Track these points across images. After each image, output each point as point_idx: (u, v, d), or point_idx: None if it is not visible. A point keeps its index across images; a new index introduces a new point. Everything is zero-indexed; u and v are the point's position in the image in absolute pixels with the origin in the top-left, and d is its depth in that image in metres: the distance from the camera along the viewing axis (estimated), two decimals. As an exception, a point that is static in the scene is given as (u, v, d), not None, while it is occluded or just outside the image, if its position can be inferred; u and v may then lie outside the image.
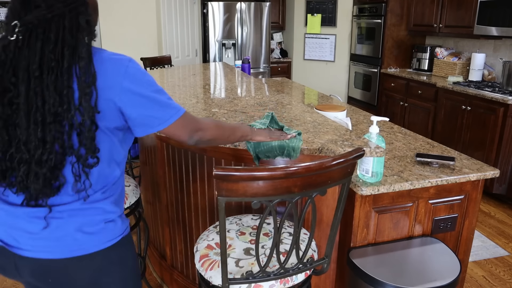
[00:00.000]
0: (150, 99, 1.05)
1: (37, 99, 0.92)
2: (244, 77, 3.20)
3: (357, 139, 1.58)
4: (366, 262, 1.48)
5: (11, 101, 0.94)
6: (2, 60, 0.94)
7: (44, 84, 0.92)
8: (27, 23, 0.92)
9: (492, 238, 2.96)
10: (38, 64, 0.92)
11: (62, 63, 0.93)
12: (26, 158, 0.96)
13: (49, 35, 0.93)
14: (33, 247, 1.03)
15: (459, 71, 4.30)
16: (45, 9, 0.93)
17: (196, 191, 1.94)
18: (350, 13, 5.70)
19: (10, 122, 0.95)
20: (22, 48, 0.92)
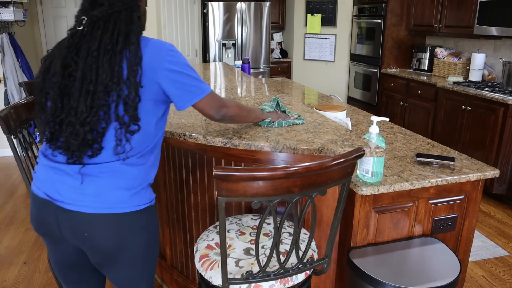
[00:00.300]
0: (185, 78, 1.25)
1: (91, 73, 1.12)
2: (244, 77, 3.20)
3: (357, 139, 1.58)
4: (366, 262, 1.48)
5: (70, 74, 1.14)
6: (69, 44, 1.17)
7: (99, 62, 1.13)
8: (92, 16, 1.16)
9: (492, 238, 2.96)
10: (96, 47, 1.13)
11: (116, 46, 1.14)
12: (73, 121, 1.14)
13: (108, 26, 1.15)
14: (74, 201, 1.18)
15: (459, 71, 4.30)
16: (107, 7, 1.16)
17: (196, 191, 1.94)
18: (350, 13, 5.70)
19: (66, 91, 1.15)
20: (86, 35, 1.15)
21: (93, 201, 1.18)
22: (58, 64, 1.16)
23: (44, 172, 1.25)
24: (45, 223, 1.25)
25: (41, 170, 1.26)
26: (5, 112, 1.75)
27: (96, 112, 1.13)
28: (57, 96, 1.16)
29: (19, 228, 3.05)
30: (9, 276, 2.47)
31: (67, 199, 1.19)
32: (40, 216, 1.25)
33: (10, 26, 4.65)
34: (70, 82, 1.14)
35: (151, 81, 1.19)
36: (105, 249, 1.23)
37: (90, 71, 1.13)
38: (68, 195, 1.19)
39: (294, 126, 1.74)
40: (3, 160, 4.49)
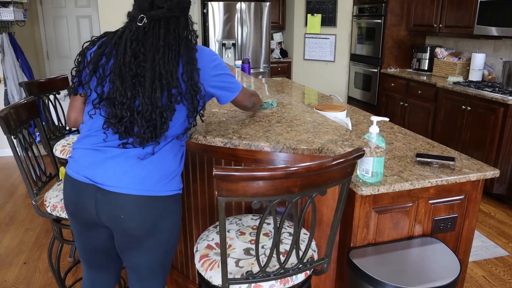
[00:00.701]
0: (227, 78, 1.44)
1: (160, 66, 1.25)
2: (244, 77, 3.20)
3: (357, 139, 1.58)
4: (366, 262, 1.48)
5: (139, 64, 1.25)
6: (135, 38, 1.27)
7: (165, 59, 1.25)
8: (152, 16, 1.26)
9: (492, 238, 2.96)
10: (163, 44, 1.26)
11: (179, 48, 1.29)
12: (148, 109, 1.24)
13: (169, 28, 1.28)
14: (116, 182, 1.27)
15: (459, 71, 4.30)
16: (166, 10, 1.27)
17: (196, 191, 1.94)
18: (350, 13, 5.70)
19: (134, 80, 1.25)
20: (148, 32, 1.26)
21: (133, 182, 1.27)
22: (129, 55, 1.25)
23: (84, 156, 1.32)
24: (84, 207, 1.32)
25: (81, 154, 1.33)
26: (5, 112, 1.75)
27: (173, 105, 1.27)
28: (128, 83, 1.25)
29: (19, 228, 3.05)
30: (9, 276, 2.47)
31: (108, 180, 1.27)
32: (79, 199, 1.32)
33: (10, 26, 4.65)
34: (141, 72, 1.25)
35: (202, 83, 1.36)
36: (136, 231, 1.31)
37: (159, 65, 1.25)
38: (112, 176, 1.28)
39: (294, 126, 1.74)
40: (3, 160, 4.49)
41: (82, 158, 1.33)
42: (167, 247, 1.40)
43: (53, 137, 2.53)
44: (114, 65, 1.27)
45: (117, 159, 1.29)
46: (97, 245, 1.44)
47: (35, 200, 1.86)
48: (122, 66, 1.25)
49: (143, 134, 1.27)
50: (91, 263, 1.50)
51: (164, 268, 1.44)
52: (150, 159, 1.31)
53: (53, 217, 1.86)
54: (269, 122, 1.80)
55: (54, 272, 2.09)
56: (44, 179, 1.99)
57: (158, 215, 1.32)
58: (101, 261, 1.49)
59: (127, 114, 1.26)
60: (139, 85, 1.25)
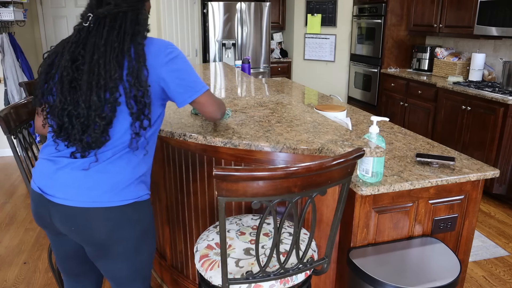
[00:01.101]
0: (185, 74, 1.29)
1: (99, 68, 1.17)
2: (244, 77, 3.20)
3: (357, 139, 1.58)
4: (366, 262, 1.48)
5: (78, 67, 1.19)
6: (76, 39, 1.21)
7: (106, 58, 1.17)
8: (98, 14, 1.20)
9: (492, 238, 2.96)
10: (103, 43, 1.18)
11: (123, 45, 1.19)
12: (84, 113, 1.17)
13: (114, 24, 1.20)
14: (64, 194, 1.22)
15: (459, 71, 4.30)
16: (113, 6, 1.21)
17: (196, 191, 1.94)
18: (350, 13, 5.70)
19: (73, 85, 1.19)
20: (92, 31, 1.20)
21: (81, 194, 1.21)
22: (67, 58, 1.20)
23: (40, 166, 1.29)
24: (42, 217, 1.29)
25: (38, 164, 1.30)
26: (5, 112, 1.75)
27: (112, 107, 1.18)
28: (66, 89, 1.19)
29: (19, 228, 3.05)
30: (9, 276, 2.47)
31: (58, 193, 1.22)
32: (36, 210, 1.30)
33: (10, 26, 4.65)
34: (78, 75, 1.19)
35: (153, 82, 1.25)
36: (95, 242, 1.26)
37: (98, 66, 1.17)
38: (59, 188, 1.23)
39: (294, 126, 1.74)
40: (3, 160, 4.49)
41: (38, 168, 1.29)
42: (138, 255, 1.33)
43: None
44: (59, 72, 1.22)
45: (64, 170, 1.23)
46: (69, 252, 1.41)
47: (35, 200, 1.85)
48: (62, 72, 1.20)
49: (81, 139, 1.20)
50: (68, 271, 1.47)
51: (141, 274, 1.39)
52: (96, 169, 1.23)
53: (53, 217, 1.85)
54: (269, 122, 1.80)
55: (54, 272, 2.09)
56: (44, 179, 1.99)
57: (112, 226, 1.24)
58: (77, 269, 1.46)
59: (66, 120, 1.20)
60: (79, 89, 1.18)
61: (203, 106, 1.37)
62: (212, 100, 1.38)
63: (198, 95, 1.32)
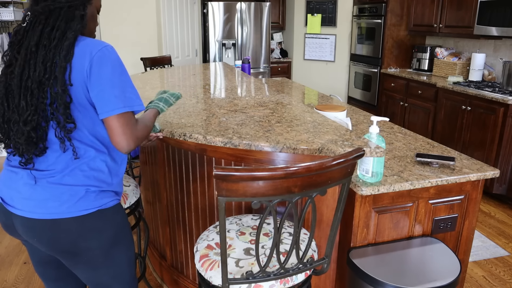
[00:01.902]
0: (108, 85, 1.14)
1: (29, 69, 1.10)
2: (244, 77, 3.20)
3: (357, 139, 1.58)
4: (366, 262, 1.48)
5: (12, 71, 1.13)
6: (12, 42, 1.16)
7: (37, 58, 1.10)
8: (34, 11, 1.14)
9: (492, 238, 2.96)
10: (35, 42, 1.11)
11: (52, 42, 1.11)
12: (17, 119, 1.12)
13: (49, 21, 1.13)
14: (22, 206, 1.18)
15: (459, 71, 4.30)
16: (50, 3, 1.14)
17: (196, 191, 1.94)
18: (350, 13, 5.70)
19: (9, 90, 1.14)
20: (28, 31, 1.14)
21: (39, 206, 1.17)
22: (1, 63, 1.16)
23: (2, 176, 1.26)
24: (7, 226, 1.26)
25: (2, 173, 1.27)
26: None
27: (35, 110, 1.11)
28: (2, 95, 1.15)
29: (19, 228, 3.04)
30: (9, 276, 2.47)
31: (17, 204, 1.19)
32: (1, 219, 1.26)
33: (10, 26, 4.65)
34: (11, 80, 1.13)
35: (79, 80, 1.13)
36: (61, 251, 1.22)
37: (28, 67, 1.10)
38: (17, 199, 1.19)
39: (294, 126, 1.74)
40: (3, 160, 4.49)
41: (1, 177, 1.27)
42: (111, 261, 1.28)
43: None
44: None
45: (21, 181, 1.20)
46: (43, 258, 1.37)
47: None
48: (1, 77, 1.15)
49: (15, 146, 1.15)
50: (45, 276, 1.43)
51: (119, 279, 1.34)
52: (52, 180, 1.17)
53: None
54: (269, 122, 1.80)
55: (54, 272, 2.09)
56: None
57: (74, 237, 1.19)
58: (53, 274, 1.42)
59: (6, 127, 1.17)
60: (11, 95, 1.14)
61: (111, 130, 1.16)
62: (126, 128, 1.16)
63: (112, 114, 1.13)
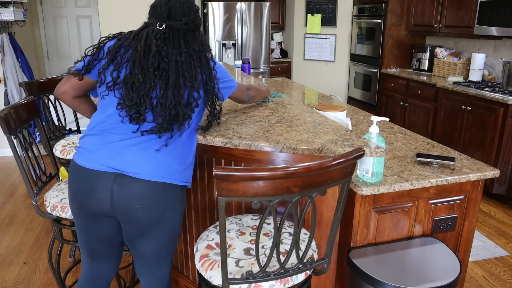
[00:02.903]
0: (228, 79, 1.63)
1: (183, 69, 1.36)
2: (244, 77, 3.20)
3: (357, 139, 1.58)
4: (366, 262, 1.48)
5: (162, 59, 1.34)
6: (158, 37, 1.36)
7: (188, 64, 1.38)
8: (171, 26, 1.38)
9: (492, 238, 2.96)
10: (185, 50, 1.38)
11: (200, 59, 1.42)
12: (171, 103, 1.34)
13: (187, 39, 1.40)
14: (136, 169, 1.32)
15: (459, 71, 4.30)
16: (183, 23, 1.39)
17: (196, 191, 1.94)
18: (350, 13, 5.70)
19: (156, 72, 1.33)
20: (169, 37, 1.37)
21: (152, 169, 1.33)
22: (153, 49, 1.33)
23: (99, 143, 1.36)
24: (97, 197, 1.35)
25: (96, 141, 1.37)
26: (5, 112, 1.75)
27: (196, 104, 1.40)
28: (149, 72, 1.33)
29: (19, 228, 3.05)
30: (9, 276, 2.47)
31: (128, 167, 1.32)
32: (93, 189, 1.34)
33: (10, 26, 4.65)
34: (164, 67, 1.34)
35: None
36: (147, 219, 1.36)
37: (182, 68, 1.35)
38: (130, 164, 1.33)
39: (294, 126, 1.74)
40: (3, 160, 4.49)
41: (97, 147, 1.36)
42: (173, 234, 1.46)
43: (53, 137, 2.53)
44: (133, 54, 1.35)
45: (135, 147, 1.35)
46: (102, 234, 1.47)
47: (35, 200, 1.86)
48: (141, 57, 1.33)
49: (162, 123, 1.34)
50: (94, 252, 1.52)
51: (170, 253, 1.50)
52: (168, 148, 1.38)
53: (53, 217, 1.86)
54: (269, 122, 1.80)
55: (54, 272, 2.09)
56: (44, 179, 1.99)
57: (169, 203, 1.39)
58: (104, 250, 1.52)
59: (145, 101, 1.33)
60: (160, 78, 1.34)
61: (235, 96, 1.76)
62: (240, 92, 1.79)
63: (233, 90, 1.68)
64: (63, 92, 1.51)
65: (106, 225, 1.45)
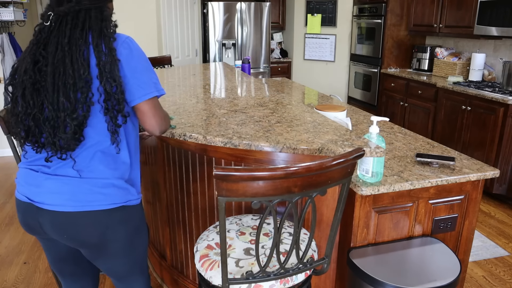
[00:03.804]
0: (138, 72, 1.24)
1: (65, 67, 1.13)
2: (244, 77, 3.20)
3: (357, 139, 1.58)
4: (366, 262, 1.48)
5: (40, 69, 1.15)
6: (37, 40, 1.18)
7: (73, 57, 1.14)
8: (59, 12, 1.17)
9: (492, 238, 2.96)
10: (67, 41, 1.15)
11: (90, 41, 1.16)
12: (52, 116, 1.14)
13: (77, 22, 1.17)
14: (52, 200, 1.20)
15: (459, 71, 4.30)
16: (74, 4, 1.17)
17: (196, 191, 1.94)
18: (350, 13, 5.70)
19: (36, 87, 1.16)
20: (53, 31, 1.17)
21: (69, 199, 1.20)
22: (28, 61, 1.16)
23: (23, 175, 1.28)
24: (30, 225, 1.28)
25: (21, 173, 1.29)
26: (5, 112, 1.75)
27: (81, 106, 1.15)
28: (28, 92, 1.15)
29: (19, 228, 3.04)
30: (9, 276, 2.47)
31: (46, 199, 1.21)
32: (24, 220, 1.28)
33: (10, 26, 4.65)
34: (41, 77, 1.15)
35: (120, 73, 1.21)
36: (88, 244, 1.27)
37: (63, 65, 1.13)
38: (46, 195, 1.21)
39: (294, 126, 1.74)
40: (3, 160, 4.49)
41: (20, 177, 1.28)
42: (133, 250, 1.36)
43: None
44: (18, 80, 1.19)
45: (48, 176, 1.22)
46: (62, 254, 1.41)
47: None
48: (22, 75, 1.17)
49: (53, 142, 1.17)
50: (63, 272, 1.47)
51: (139, 267, 1.43)
52: (80, 172, 1.21)
53: (53, 217, 1.85)
54: (269, 122, 1.80)
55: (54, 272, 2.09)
56: (44, 179, 1.99)
57: (103, 228, 1.25)
58: (72, 269, 1.46)
59: (32, 124, 1.17)
60: (43, 91, 1.15)
61: (145, 114, 1.27)
62: (157, 111, 1.29)
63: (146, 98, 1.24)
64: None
65: (62, 246, 1.37)
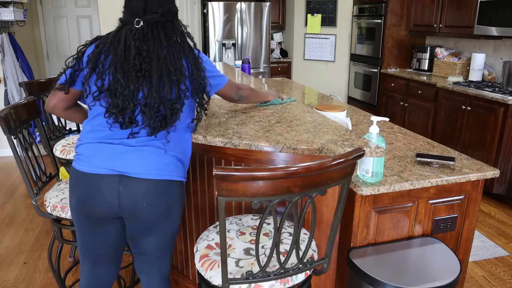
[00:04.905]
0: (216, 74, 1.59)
1: (167, 64, 1.34)
2: (244, 77, 3.20)
3: (357, 139, 1.58)
4: (366, 262, 1.48)
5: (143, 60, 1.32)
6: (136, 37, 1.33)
7: (172, 57, 1.36)
8: (149, 20, 1.35)
9: (492, 238, 2.96)
10: (166, 44, 1.36)
11: (183, 49, 1.41)
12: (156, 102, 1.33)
13: (167, 31, 1.38)
14: (139, 169, 1.35)
15: (459, 71, 4.30)
16: (160, 15, 1.36)
17: (196, 191, 1.94)
18: (350, 13, 5.70)
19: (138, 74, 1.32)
20: (148, 34, 1.35)
21: (155, 168, 1.36)
22: (133, 51, 1.31)
23: (98, 149, 1.37)
24: (104, 200, 1.36)
25: (95, 148, 1.38)
26: (5, 112, 1.75)
27: (182, 101, 1.38)
28: (131, 76, 1.32)
29: (19, 228, 3.05)
30: (9, 276, 2.47)
31: (132, 168, 1.34)
32: (99, 193, 1.36)
33: (10, 26, 4.65)
34: (146, 67, 1.32)
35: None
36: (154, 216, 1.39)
37: (165, 63, 1.34)
38: (133, 164, 1.35)
39: (294, 126, 1.74)
40: (3, 160, 4.49)
41: (96, 152, 1.37)
42: (175, 228, 1.50)
43: (53, 137, 2.53)
44: (114, 59, 1.33)
45: (133, 149, 1.36)
46: (109, 238, 1.48)
47: (35, 200, 1.86)
48: (123, 60, 1.32)
49: (153, 124, 1.35)
50: (98, 258, 1.52)
51: (171, 248, 1.54)
52: (165, 146, 1.40)
53: (53, 217, 1.86)
54: (269, 122, 1.80)
55: (54, 272, 2.09)
56: (44, 179, 1.99)
57: (173, 199, 1.42)
58: (109, 255, 1.53)
59: (130, 105, 1.33)
60: (144, 79, 1.32)
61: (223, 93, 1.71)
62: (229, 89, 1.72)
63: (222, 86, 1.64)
64: (53, 107, 1.50)
65: (113, 228, 1.46)
